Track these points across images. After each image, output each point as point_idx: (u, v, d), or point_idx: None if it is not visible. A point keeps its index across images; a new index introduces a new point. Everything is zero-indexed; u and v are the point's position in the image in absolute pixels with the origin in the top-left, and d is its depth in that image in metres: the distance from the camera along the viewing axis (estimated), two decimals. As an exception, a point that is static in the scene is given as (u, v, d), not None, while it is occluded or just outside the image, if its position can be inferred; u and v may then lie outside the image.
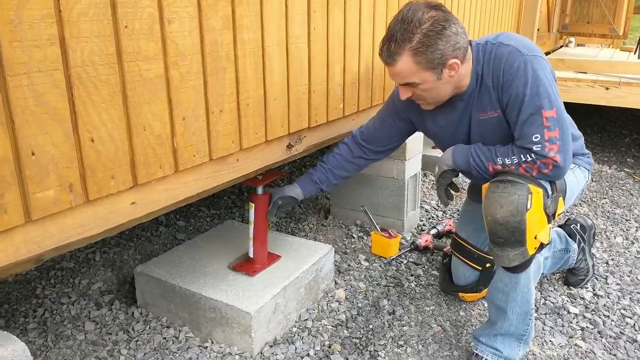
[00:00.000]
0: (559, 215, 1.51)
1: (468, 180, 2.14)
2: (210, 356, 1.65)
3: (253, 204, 1.79)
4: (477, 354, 1.58)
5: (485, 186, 1.43)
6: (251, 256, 1.86)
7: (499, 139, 1.51)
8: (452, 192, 1.68)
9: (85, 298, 1.95)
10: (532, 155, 1.39)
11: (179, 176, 1.23)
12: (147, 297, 1.86)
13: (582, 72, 4.05)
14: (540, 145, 1.37)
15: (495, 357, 1.56)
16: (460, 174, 1.65)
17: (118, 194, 1.09)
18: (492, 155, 1.47)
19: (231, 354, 1.65)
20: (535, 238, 1.38)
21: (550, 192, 1.43)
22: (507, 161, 1.43)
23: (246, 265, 1.87)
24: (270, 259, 1.89)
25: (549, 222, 1.42)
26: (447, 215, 2.80)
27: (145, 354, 1.66)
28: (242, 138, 1.39)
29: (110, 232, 1.12)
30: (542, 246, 1.42)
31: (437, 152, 3.59)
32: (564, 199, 1.50)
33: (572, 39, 6.74)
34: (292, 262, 1.91)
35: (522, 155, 1.41)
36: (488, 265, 1.91)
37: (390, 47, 1.41)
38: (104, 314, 1.86)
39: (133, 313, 1.86)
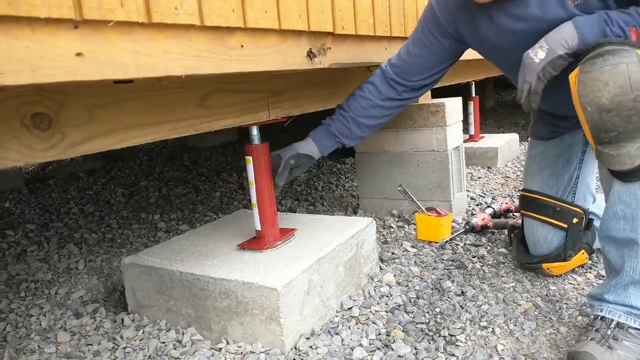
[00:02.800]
0: None
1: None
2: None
3: (250, 157, 1.39)
4: (603, 317, 1.11)
5: (573, 74, 1.03)
6: (258, 229, 1.43)
7: None
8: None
9: (61, 308, 1.51)
10: None
11: (155, 36, 0.81)
12: (140, 297, 1.42)
13: None
14: None
15: (631, 318, 1.08)
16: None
17: (50, 25, 0.67)
18: (636, 17, 1.05)
19: (254, 353, 1.19)
20: None
21: None
22: None
23: (253, 242, 1.44)
24: (283, 234, 1.47)
25: None
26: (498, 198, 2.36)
27: (136, 362, 1.21)
28: (245, 8, 0.98)
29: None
30: None
31: (471, 144, 3.20)
32: None
33: None
34: (325, 236, 1.47)
35: None
36: (575, 220, 1.47)
37: None
38: (84, 324, 1.41)
39: (123, 320, 1.41)
